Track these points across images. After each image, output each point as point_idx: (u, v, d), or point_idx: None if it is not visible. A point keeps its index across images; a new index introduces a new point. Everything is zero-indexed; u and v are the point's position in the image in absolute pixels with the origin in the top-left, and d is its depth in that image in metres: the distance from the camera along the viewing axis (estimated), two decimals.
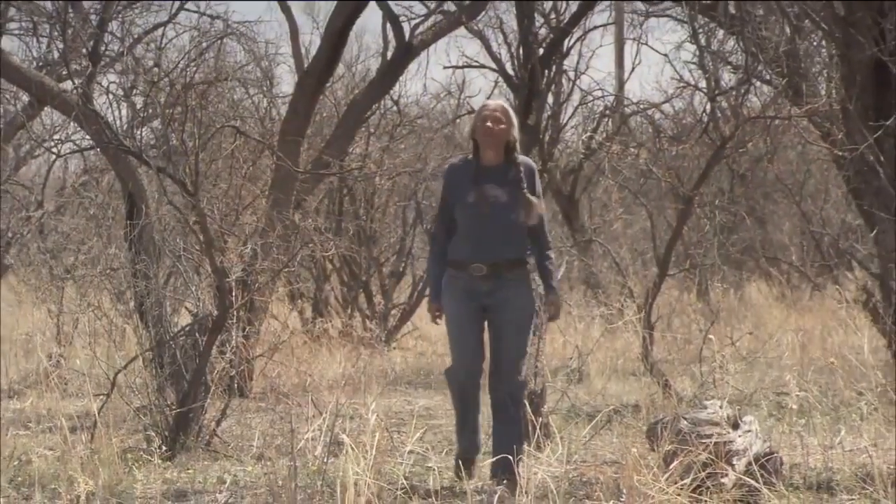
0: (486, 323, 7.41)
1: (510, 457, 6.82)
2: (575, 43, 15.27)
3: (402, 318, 15.57)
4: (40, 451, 7.99)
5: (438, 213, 7.74)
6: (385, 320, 15.34)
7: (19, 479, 7.46)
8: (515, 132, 7.45)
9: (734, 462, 6.68)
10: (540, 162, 9.80)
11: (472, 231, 7.28)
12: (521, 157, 7.53)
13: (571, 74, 16.67)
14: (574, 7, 12.25)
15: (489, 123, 7.29)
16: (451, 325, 7.45)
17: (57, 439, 8.17)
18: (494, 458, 7.00)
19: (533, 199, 7.25)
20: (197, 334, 8.78)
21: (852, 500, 6.10)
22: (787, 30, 10.45)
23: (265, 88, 17.66)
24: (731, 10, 11.66)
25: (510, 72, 14.21)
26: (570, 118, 17.85)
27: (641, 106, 17.80)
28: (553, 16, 12.78)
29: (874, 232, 7.83)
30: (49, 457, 7.86)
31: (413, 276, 16.19)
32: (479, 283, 7.25)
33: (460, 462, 7.29)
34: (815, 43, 10.79)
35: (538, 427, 8.26)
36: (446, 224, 7.50)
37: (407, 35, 13.03)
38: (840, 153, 7.98)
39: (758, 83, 12.60)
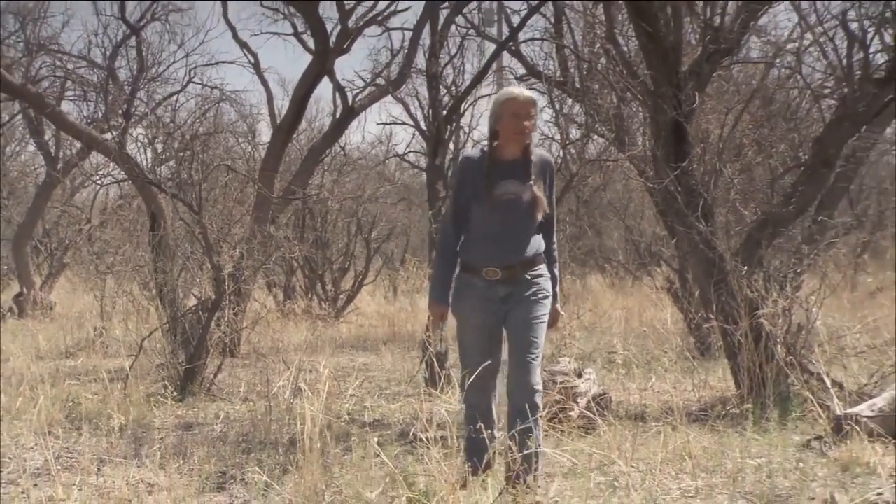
0: (503, 326, 5.31)
1: (529, 463, 4.92)
2: (468, 107, 15.23)
3: (347, 301, 15.49)
4: (88, 396, 7.89)
5: (451, 210, 5.41)
6: (335, 302, 15.30)
7: (73, 415, 7.37)
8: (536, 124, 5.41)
9: (578, 400, 6.72)
10: (444, 192, 9.70)
11: (488, 231, 5.21)
12: (537, 151, 5.35)
13: (466, 129, 16.67)
14: (468, 81, 12.27)
15: (526, 122, 5.15)
16: (465, 341, 5.35)
17: (99, 387, 8.08)
18: (515, 465, 4.90)
19: (539, 193, 5.16)
20: (200, 312, 8.73)
21: (658, 426, 6.13)
22: (615, 99, 10.50)
23: (249, 138, 17.65)
24: (577, 84, 11.70)
25: (423, 127, 14.19)
26: None
27: None
28: (453, 87, 12.76)
29: (675, 240, 7.88)
30: (94, 399, 7.77)
31: (355, 271, 16.11)
32: (494, 287, 5.18)
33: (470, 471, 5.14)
34: (634, 108, 10.85)
35: (442, 377, 8.28)
36: (459, 222, 5.32)
37: (350, 101, 13.04)
38: (651, 185, 8.04)
39: (595, 136, 12.68)
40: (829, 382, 6.67)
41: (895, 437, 5.92)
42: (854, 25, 8.12)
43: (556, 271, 5.43)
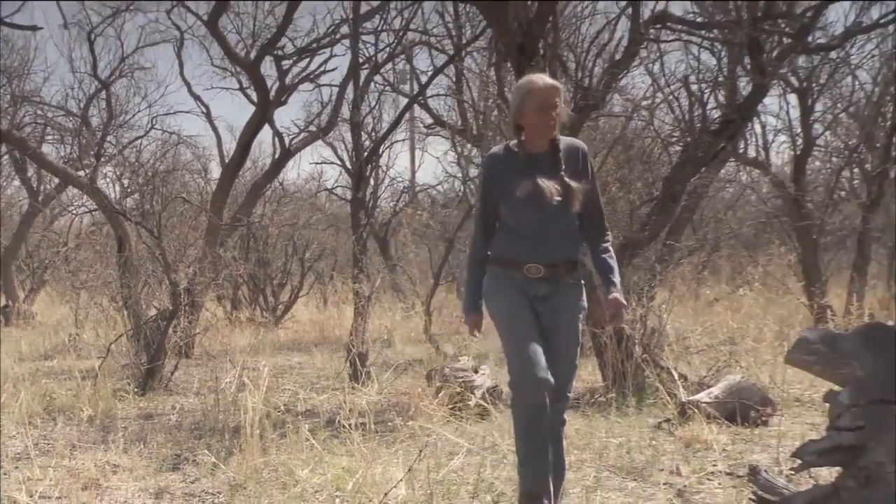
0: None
1: (556, 483, 4.05)
2: (385, 149, 15.25)
3: (285, 310, 15.34)
4: (62, 392, 7.71)
5: (480, 212, 4.26)
6: (274, 311, 15.16)
7: (49, 408, 7.22)
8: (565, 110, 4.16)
9: (475, 392, 6.74)
10: (365, 220, 9.69)
11: (526, 228, 4.02)
12: (566, 139, 4.13)
13: (384, 168, 16.71)
14: (385, 128, 12.32)
15: (552, 113, 3.99)
16: (507, 326, 4.05)
17: (73, 384, 7.90)
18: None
19: (573, 183, 3.97)
20: (160, 321, 8.60)
21: None
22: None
23: (202, 175, 17.48)
24: (474, 132, 11.80)
25: (348, 166, 14.16)
26: (383, 193, 17.87)
27: (424, 187, 17.95)
28: (373, 133, 12.78)
29: None
30: (68, 394, 7.60)
31: (291, 286, 15.98)
32: (534, 285, 4.01)
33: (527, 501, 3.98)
34: None
35: (363, 373, 8.26)
36: (490, 223, 4.17)
37: (287, 144, 12.98)
38: None
39: None
40: (676, 375, 6.78)
41: (728, 419, 6.06)
42: (694, 87, 8.32)
43: (613, 261, 4.16)
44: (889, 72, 11.09)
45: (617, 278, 4.11)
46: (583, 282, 4.15)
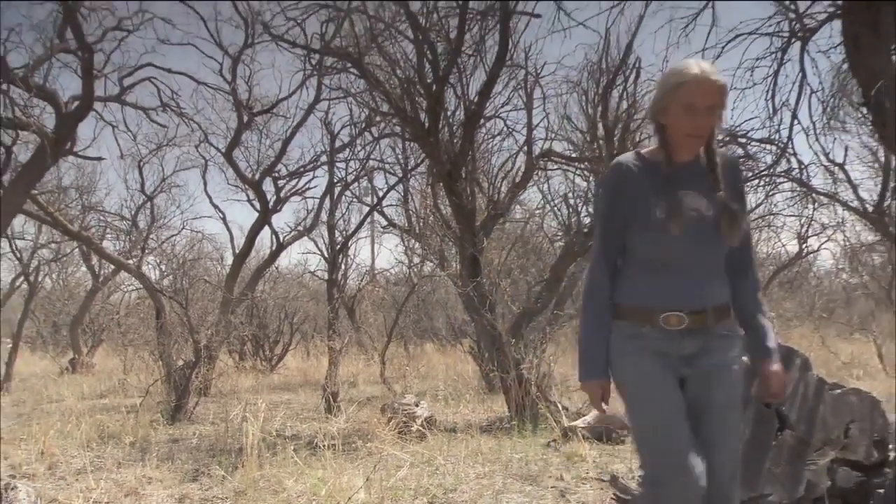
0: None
1: None
2: (353, 244, 15.23)
3: (278, 360, 15.05)
4: (112, 422, 7.45)
5: (600, 244, 2.22)
6: (270, 361, 14.87)
7: (102, 434, 6.95)
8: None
9: (416, 420, 6.67)
10: (337, 293, 9.66)
11: (663, 262, 2.16)
12: (720, 150, 2.23)
13: (352, 257, 16.70)
14: (352, 228, 12.41)
15: (707, 118, 2.10)
16: (640, 403, 2.18)
17: (120, 416, 7.65)
18: None
19: (734, 208, 2.16)
20: (186, 369, 8.39)
21: (463, 435, 6.15)
22: (439, 240, 10.66)
23: (219, 262, 17.27)
24: (417, 231, 11.86)
25: (326, 255, 14.13)
26: (351, 275, 17.75)
27: (381, 270, 17.93)
28: (344, 232, 12.84)
29: (474, 323, 7.98)
30: (116, 424, 7.34)
31: (283, 342, 15.71)
32: (675, 341, 2.16)
33: None
34: (450, 246, 11.01)
35: (334, 407, 8.12)
36: (612, 258, 2.23)
37: (281, 239, 12.94)
38: (460, 290, 8.14)
39: (427, 262, 12.85)
40: (560, 407, 6.80)
41: (597, 439, 6.08)
42: (572, 202, 8.52)
43: (765, 320, 2.31)
44: None
45: (773, 343, 2.30)
46: (737, 331, 2.31)
